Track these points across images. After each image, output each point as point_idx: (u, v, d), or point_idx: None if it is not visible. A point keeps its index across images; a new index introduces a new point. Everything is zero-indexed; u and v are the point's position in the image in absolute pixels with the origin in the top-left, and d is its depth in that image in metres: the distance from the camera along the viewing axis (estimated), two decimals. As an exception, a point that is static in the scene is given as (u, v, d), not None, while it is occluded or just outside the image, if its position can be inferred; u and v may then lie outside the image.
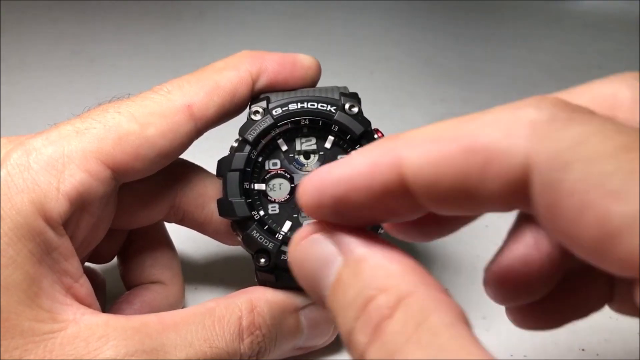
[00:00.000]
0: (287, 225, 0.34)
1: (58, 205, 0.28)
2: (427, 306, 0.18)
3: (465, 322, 0.18)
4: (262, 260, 0.33)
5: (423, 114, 0.64)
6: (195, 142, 0.34)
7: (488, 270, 0.25)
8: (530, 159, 0.17)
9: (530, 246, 0.23)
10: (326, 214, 0.21)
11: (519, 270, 0.23)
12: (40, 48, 0.77)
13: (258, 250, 0.33)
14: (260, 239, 0.33)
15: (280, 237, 0.33)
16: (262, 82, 0.35)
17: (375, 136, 0.34)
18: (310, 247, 0.22)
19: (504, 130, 0.18)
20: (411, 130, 0.20)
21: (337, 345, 0.37)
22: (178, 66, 0.72)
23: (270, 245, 0.33)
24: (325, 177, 0.21)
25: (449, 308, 0.18)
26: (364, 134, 0.33)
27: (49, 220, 0.28)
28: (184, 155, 0.34)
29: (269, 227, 0.34)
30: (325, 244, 0.21)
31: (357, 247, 0.21)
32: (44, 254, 0.28)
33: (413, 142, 0.20)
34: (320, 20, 0.85)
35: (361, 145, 0.34)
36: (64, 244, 0.29)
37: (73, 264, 0.29)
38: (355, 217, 0.21)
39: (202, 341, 0.29)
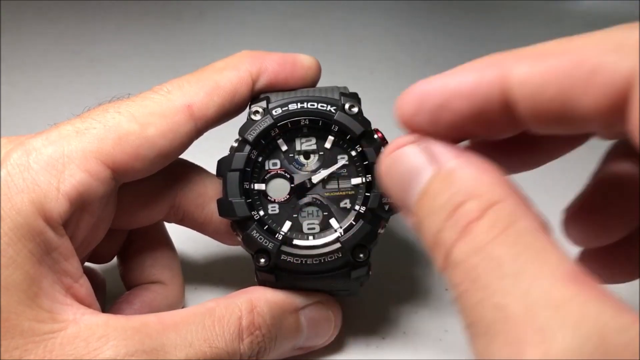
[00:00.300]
0: (287, 225, 0.34)
1: (58, 205, 0.28)
2: (515, 212, 0.19)
3: (549, 231, 0.19)
4: (262, 260, 0.33)
5: (423, 114, 0.63)
6: (195, 142, 0.34)
7: (575, 202, 0.26)
8: (634, 74, 0.18)
9: (622, 171, 0.24)
10: (423, 122, 0.23)
11: (609, 195, 0.25)
12: (40, 48, 0.77)
13: (258, 250, 0.33)
14: (260, 239, 0.33)
15: (280, 237, 0.33)
16: (262, 82, 0.35)
17: (375, 136, 0.34)
18: (402, 157, 0.23)
19: (612, 46, 0.19)
20: (517, 49, 0.21)
21: (337, 345, 0.37)
22: (178, 66, 0.72)
23: (270, 245, 0.33)
24: (429, 85, 0.22)
25: (535, 216, 0.20)
26: (364, 134, 0.33)
27: (49, 220, 0.28)
28: (184, 155, 0.34)
29: (269, 227, 0.34)
30: (417, 154, 0.22)
31: (449, 158, 0.22)
32: (44, 254, 0.28)
33: (520, 56, 0.21)
34: (320, 20, 0.85)
35: (361, 145, 0.34)
36: (64, 244, 0.29)
37: (73, 264, 0.29)
38: (451, 128, 0.22)
39: (202, 341, 0.29)
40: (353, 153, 0.34)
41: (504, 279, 0.18)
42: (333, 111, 0.34)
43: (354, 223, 0.33)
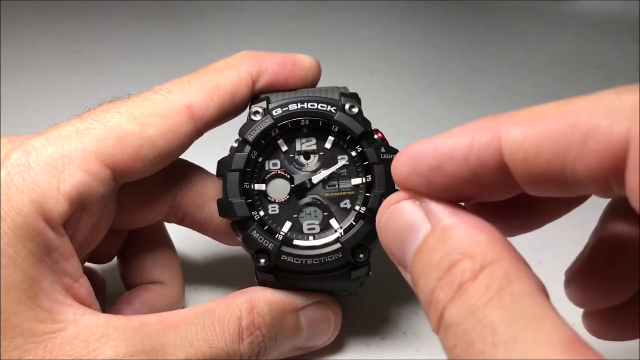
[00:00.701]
0: (287, 225, 0.34)
1: (58, 205, 0.28)
2: (511, 273, 0.19)
3: (545, 292, 0.19)
4: (262, 260, 0.33)
5: (423, 114, 0.64)
6: (195, 142, 0.34)
7: (575, 263, 0.25)
8: (630, 137, 0.18)
9: (623, 235, 0.24)
10: (418, 183, 0.22)
11: (610, 257, 0.25)
12: (40, 48, 0.77)
13: (258, 251, 0.33)
14: (260, 239, 0.33)
15: (280, 238, 0.33)
16: (262, 82, 0.35)
17: (375, 136, 0.34)
18: (399, 213, 0.23)
19: (607, 109, 0.18)
20: (511, 111, 0.21)
21: (337, 345, 0.37)
22: (178, 66, 0.72)
23: (270, 246, 0.33)
24: (423, 147, 0.22)
25: (531, 278, 0.19)
26: (364, 135, 0.33)
27: (48, 221, 0.28)
28: (184, 155, 0.34)
29: (269, 227, 0.34)
30: (414, 210, 0.23)
31: (445, 215, 0.22)
32: (44, 254, 0.28)
33: (514, 119, 0.20)
34: (320, 20, 0.85)
35: (361, 145, 0.34)
36: (64, 244, 0.29)
37: (73, 264, 0.29)
38: (446, 190, 0.22)
39: (202, 341, 0.29)
40: (353, 153, 0.34)
41: (498, 347, 0.17)
42: (333, 111, 0.34)
43: (354, 223, 0.33)
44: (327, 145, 0.34)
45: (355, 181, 0.34)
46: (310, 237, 0.34)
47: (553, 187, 0.20)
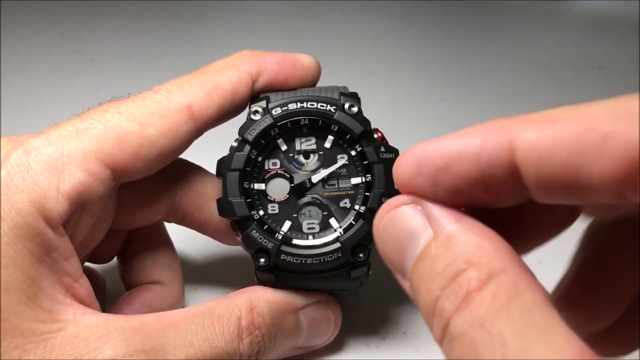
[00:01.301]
0: (287, 225, 0.34)
1: (58, 205, 0.28)
2: (519, 284, 0.18)
3: (553, 304, 0.18)
4: (262, 260, 0.33)
5: (423, 114, 0.64)
6: (195, 142, 0.34)
7: (557, 291, 0.25)
8: None
9: (605, 260, 0.24)
10: (423, 184, 0.22)
11: (592, 285, 0.24)
12: (40, 48, 0.77)
13: (258, 250, 0.33)
14: (260, 238, 0.33)
15: (280, 237, 0.33)
16: (261, 82, 0.35)
17: (375, 136, 0.34)
18: (398, 218, 0.22)
19: (625, 113, 0.18)
20: (524, 115, 0.20)
21: (337, 345, 0.37)
22: (178, 66, 0.72)
23: (269, 245, 0.33)
24: (431, 147, 0.21)
25: (538, 289, 0.19)
26: (364, 134, 0.33)
27: (48, 220, 0.28)
28: (184, 155, 0.34)
29: (269, 226, 0.34)
30: (415, 216, 0.22)
31: (448, 222, 0.21)
32: (44, 254, 0.28)
33: (528, 121, 0.20)
34: (320, 20, 0.85)
35: (361, 145, 0.34)
36: (64, 244, 0.29)
37: (73, 264, 0.29)
38: (452, 192, 0.21)
39: (202, 341, 0.29)
40: (353, 153, 0.34)
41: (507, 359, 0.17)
42: (333, 111, 0.34)
43: (353, 223, 0.33)
44: (327, 144, 0.34)
45: (355, 180, 0.34)
46: (310, 237, 0.34)
47: (564, 192, 0.19)
